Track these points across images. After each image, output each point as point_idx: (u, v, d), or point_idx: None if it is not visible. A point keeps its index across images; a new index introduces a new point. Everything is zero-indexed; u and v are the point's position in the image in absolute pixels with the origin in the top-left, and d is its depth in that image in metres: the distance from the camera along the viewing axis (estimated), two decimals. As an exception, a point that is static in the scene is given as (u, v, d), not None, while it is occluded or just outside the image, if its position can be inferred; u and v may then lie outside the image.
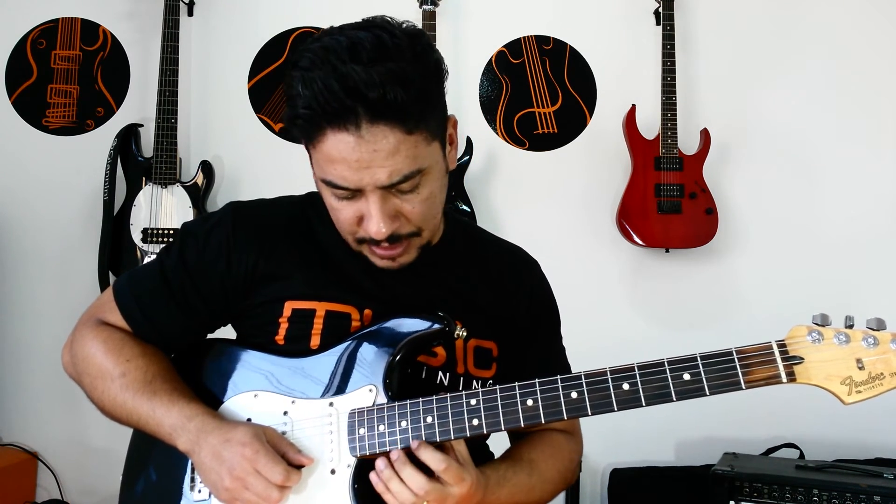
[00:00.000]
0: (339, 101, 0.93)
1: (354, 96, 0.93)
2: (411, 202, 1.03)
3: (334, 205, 1.05)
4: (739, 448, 2.34)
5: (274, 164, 2.74)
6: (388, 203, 1.02)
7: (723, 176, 2.64)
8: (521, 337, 1.22)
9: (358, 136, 0.95)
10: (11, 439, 2.70)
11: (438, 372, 1.13)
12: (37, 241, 2.75)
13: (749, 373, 0.93)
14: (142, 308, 1.14)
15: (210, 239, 1.15)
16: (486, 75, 2.75)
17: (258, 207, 1.20)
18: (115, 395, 1.09)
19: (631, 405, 0.96)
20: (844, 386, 0.91)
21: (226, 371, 1.14)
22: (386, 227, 1.02)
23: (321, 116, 0.96)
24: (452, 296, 1.17)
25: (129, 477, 1.18)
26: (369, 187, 0.99)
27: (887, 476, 1.97)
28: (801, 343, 0.94)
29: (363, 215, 1.03)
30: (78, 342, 1.15)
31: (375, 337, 1.08)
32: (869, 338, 0.92)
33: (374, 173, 0.98)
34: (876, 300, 2.58)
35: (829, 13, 2.68)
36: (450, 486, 0.98)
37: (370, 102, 0.93)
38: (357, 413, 1.04)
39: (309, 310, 1.11)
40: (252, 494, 0.99)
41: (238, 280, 1.13)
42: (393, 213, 1.03)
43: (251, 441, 1.00)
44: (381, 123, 0.95)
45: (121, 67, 2.80)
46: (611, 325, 2.63)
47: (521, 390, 1.00)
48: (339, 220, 1.07)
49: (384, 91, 0.93)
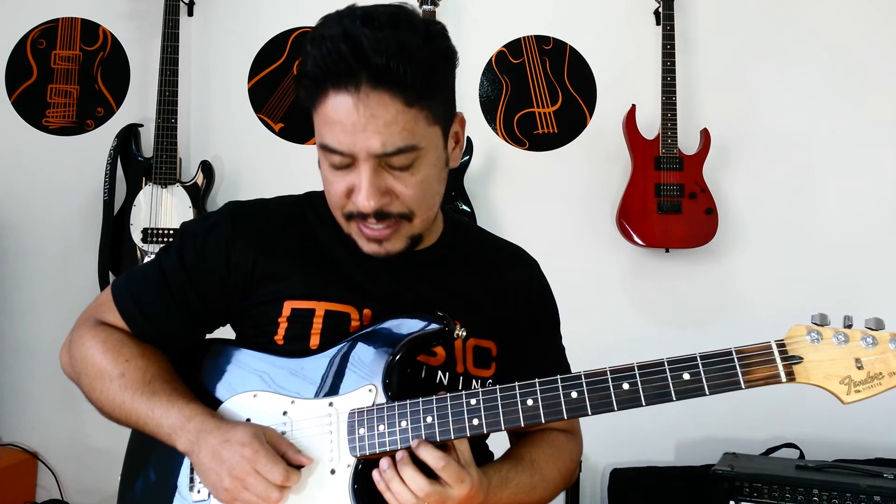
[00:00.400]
0: (344, 61, 0.95)
1: (360, 58, 0.94)
2: (404, 182, 1.03)
3: (329, 176, 1.05)
4: (739, 448, 2.34)
5: (274, 164, 2.74)
6: (380, 177, 1.02)
7: (723, 176, 2.64)
8: (520, 337, 1.22)
9: (357, 99, 0.96)
10: (11, 439, 2.70)
11: (438, 371, 1.13)
12: (37, 241, 2.75)
13: (748, 372, 0.94)
14: (140, 308, 1.14)
15: (209, 239, 1.14)
16: (486, 75, 2.75)
17: (257, 207, 1.20)
18: (113, 395, 1.09)
19: (631, 405, 0.96)
20: (843, 385, 0.91)
21: (225, 371, 1.14)
22: (374, 201, 1.01)
23: (326, 75, 0.97)
24: (452, 296, 1.17)
25: (128, 477, 1.18)
26: (362, 154, 0.99)
27: (887, 476, 1.97)
28: (800, 343, 0.94)
29: (354, 188, 1.03)
30: (76, 342, 1.15)
31: (375, 337, 1.08)
32: (868, 337, 0.92)
33: (368, 138, 0.98)
34: (875, 299, 2.58)
35: (828, 13, 2.68)
36: (449, 488, 0.98)
37: (374, 67, 0.94)
38: (357, 413, 1.04)
39: (308, 309, 1.11)
40: (251, 495, 0.99)
41: (237, 280, 1.13)
42: (384, 188, 1.02)
43: (251, 441, 1.00)
44: (382, 90, 0.96)
45: (121, 67, 2.80)
46: (611, 325, 2.63)
47: (521, 390, 1.00)
48: (330, 194, 1.07)
49: (389, 58, 0.94)
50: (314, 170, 1.12)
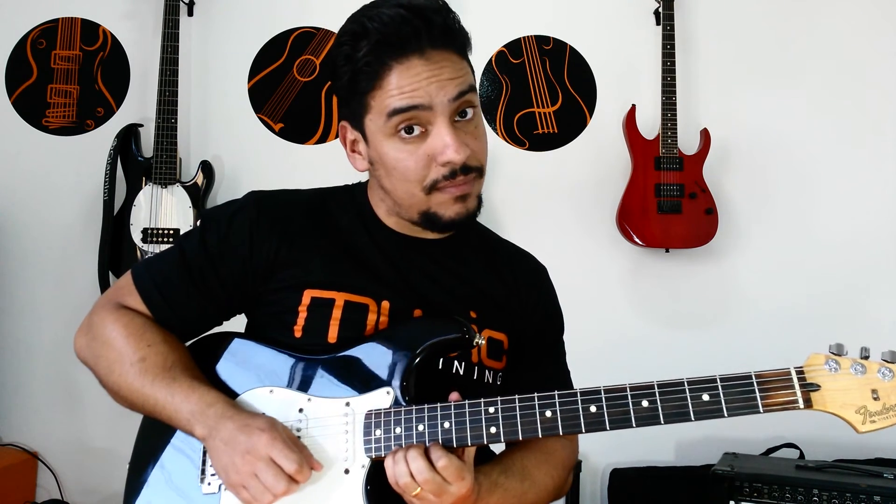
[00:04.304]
0: (409, 24, 1.02)
1: (422, 23, 1.02)
2: (473, 134, 1.08)
3: (399, 155, 1.07)
4: (739, 448, 2.34)
5: (274, 164, 2.74)
6: (457, 133, 1.06)
7: (723, 176, 2.64)
8: (525, 339, 1.23)
9: (425, 59, 1.03)
10: (11, 439, 2.70)
11: (454, 362, 1.14)
12: (37, 241, 2.75)
13: (767, 397, 0.95)
14: (161, 291, 1.14)
15: (233, 223, 1.15)
16: (485, 75, 2.75)
17: (280, 195, 1.21)
18: (132, 379, 1.09)
19: (649, 423, 0.97)
20: (859, 415, 0.94)
21: (242, 365, 1.14)
22: (463, 150, 1.05)
23: (388, 48, 1.02)
24: (468, 286, 1.19)
25: (137, 468, 1.17)
26: (440, 106, 1.03)
27: (887, 476, 1.97)
28: (818, 371, 0.95)
29: (433, 153, 1.05)
30: (98, 326, 1.14)
31: (394, 338, 1.09)
32: (884, 369, 0.94)
33: (442, 86, 1.03)
34: (875, 299, 2.58)
35: (829, 14, 2.68)
36: (448, 484, 0.98)
37: (435, 28, 1.03)
38: (374, 414, 1.04)
39: (328, 299, 1.12)
40: (259, 483, 0.98)
41: (259, 265, 1.14)
42: (463, 142, 1.06)
43: (270, 428, 1.00)
44: (441, 48, 1.04)
45: (121, 67, 2.80)
46: (610, 325, 2.63)
47: (541, 401, 1.00)
48: (406, 172, 1.08)
49: (443, 18, 1.04)
50: (314, 170, 1.12)
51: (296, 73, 2.78)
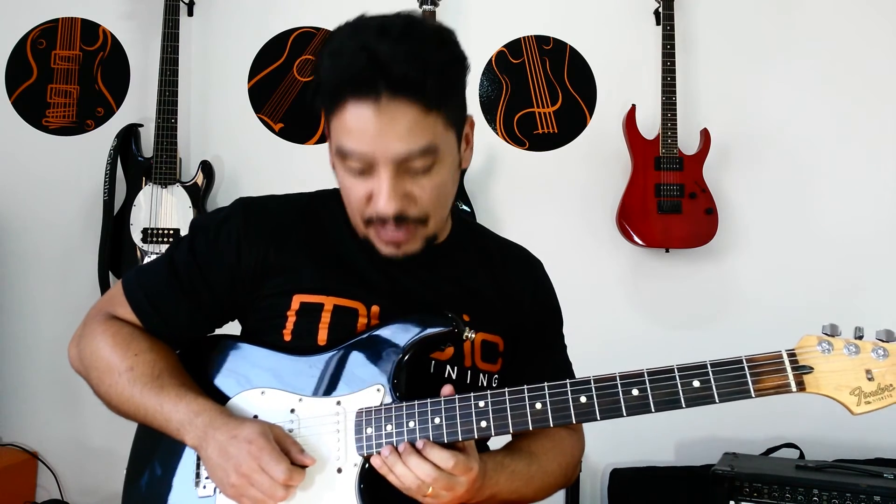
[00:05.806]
0: (364, 73, 0.97)
1: (380, 70, 0.96)
2: (422, 185, 1.04)
3: (347, 182, 1.06)
4: (739, 448, 2.34)
5: (274, 164, 2.74)
6: (400, 181, 1.02)
7: (723, 176, 2.64)
8: (524, 335, 1.22)
9: (377, 108, 0.98)
10: (11, 439, 2.70)
11: (446, 366, 1.14)
12: (37, 241, 2.75)
13: (759, 381, 0.94)
14: (150, 300, 1.15)
15: (221, 231, 1.15)
16: (486, 75, 2.75)
17: (268, 202, 1.21)
18: (122, 389, 1.09)
19: (640, 411, 0.96)
20: (854, 396, 0.92)
21: (233, 367, 1.14)
22: (395, 204, 1.02)
23: (346, 87, 0.99)
24: (460, 290, 1.18)
25: (134, 471, 1.18)
26: (383, 159, 1.00)
27: (887, 476, 1.97)
28: (811, 353, 0.94)
29: (374, 193, 1.04)
30: (87, 337, 1.15)
31: (384, 336, 1.08)
32: (879, 349, 0.93)
33: (388, 144, 0.99)
34: (875, 299, 2.58)
35: (828, 13, 2.68)
36: (457, 477, 0.99)
37: (393, 77, 0.96)
38: (365, 412, 1.04)
39: (317, 304, 1.12)
40: (257, 491, 0.99)
41: (247, 271, 1.14)
42: (403, 192, 1.03)
43: (257, 438, 1.00)
44: (401, 98, 0.98)
45: (121, 67, 2.80)
46: (610, 325, 2.63)
47: (530, 393, 1.00)
48: (349, 199, 1.08)
49: (407, 68, 0.96)
50: (314, 170, 1.12)
51: (296, 73, 2.78)
